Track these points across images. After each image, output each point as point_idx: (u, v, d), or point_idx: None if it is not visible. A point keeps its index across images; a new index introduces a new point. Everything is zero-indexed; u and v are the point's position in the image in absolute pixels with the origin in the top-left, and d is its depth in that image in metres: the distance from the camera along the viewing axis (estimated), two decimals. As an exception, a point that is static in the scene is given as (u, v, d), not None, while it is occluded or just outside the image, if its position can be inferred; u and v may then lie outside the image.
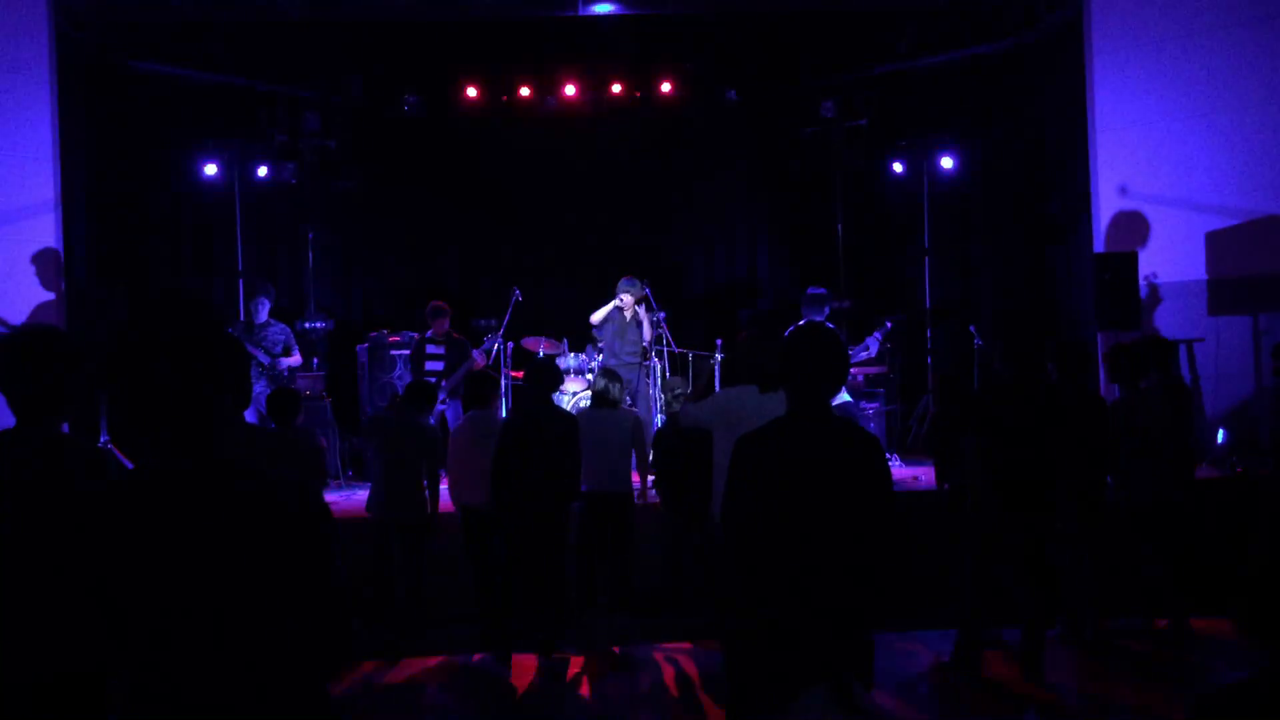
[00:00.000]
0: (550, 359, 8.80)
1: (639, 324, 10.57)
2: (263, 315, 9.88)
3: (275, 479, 2.20)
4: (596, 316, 10.54)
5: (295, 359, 9.90)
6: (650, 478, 7.81)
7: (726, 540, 3.61)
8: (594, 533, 7.34)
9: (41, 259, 9.79)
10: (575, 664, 6.88)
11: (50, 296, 9.78)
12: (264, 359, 9.68)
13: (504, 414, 9.82)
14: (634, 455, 7.50)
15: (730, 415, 5.77)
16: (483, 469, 6.84)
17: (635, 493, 7.64)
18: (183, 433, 2.17)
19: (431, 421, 7.77)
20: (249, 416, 8.64)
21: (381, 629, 7.21)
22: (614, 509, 7.31)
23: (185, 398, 2.17)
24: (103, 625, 2.11)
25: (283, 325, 9.99)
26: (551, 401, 7.01)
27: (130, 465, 8.69)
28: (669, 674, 6.65)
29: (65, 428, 3.46)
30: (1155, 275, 10.14)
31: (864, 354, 10.32)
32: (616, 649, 7.14)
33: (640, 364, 10.54)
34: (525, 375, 7.29)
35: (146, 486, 2.16)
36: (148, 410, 2.16)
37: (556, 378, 7.08)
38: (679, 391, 8.24)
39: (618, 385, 7.52)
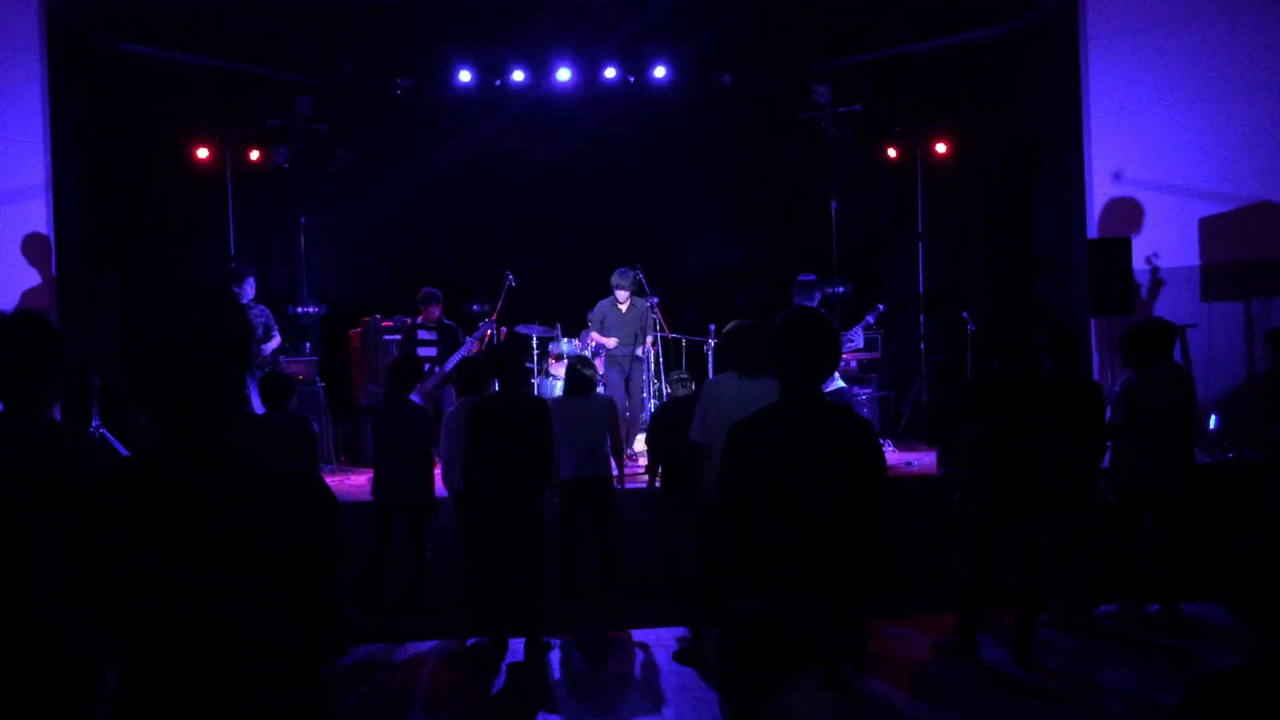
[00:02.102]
0: (515, 345, 8.79)
1: (637, 311, 10.53)
2: (245, 298, 9.79)
3: (286, 469, 2.18)
4: (596, 317, 10.49)
5: (275, 341, 9.81)
6: (643, 462, 7.83)
7: (720, 525, 3.61)
8: (575, 519, 7.36)
9: (32, 243, 9.74)
10: (565, 648, 6.89)
11: (40, 281, 9.73)
12: None
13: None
14: (609, 440, 7.51)
15: (714, 401, 5.83)
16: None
17: (614, 478, 7.64)
18: (200, 417, 2.13)
19: (420, 403, 7.81)
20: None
21: (381, 613, 7.24)
22: (593, 494, 7.33)
23: (207, 381, 2.14)
24: (96, 611, 2.09)
25: (262, 307, 9.90)
26: (519, 387, 6.95)
27: (124, 450, 8.69)
28: (660, 658, 6.65)
29: (58, 413, 3.45)
30: (1157, 256, 10.14)
31: (849, 345, 10.34)
32: (608, 633, 7.16)
33: (634, 351, 10.53)
34: (489, 361, 7.26)
35: (152, 470, 2.13)
36: (169, 392, 2.13)
37: (521, 363, 7.07)
38: (683, 377, 8.25)
39: (591, 370, 7.54)
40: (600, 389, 10.46)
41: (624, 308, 10.43)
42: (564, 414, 7.29)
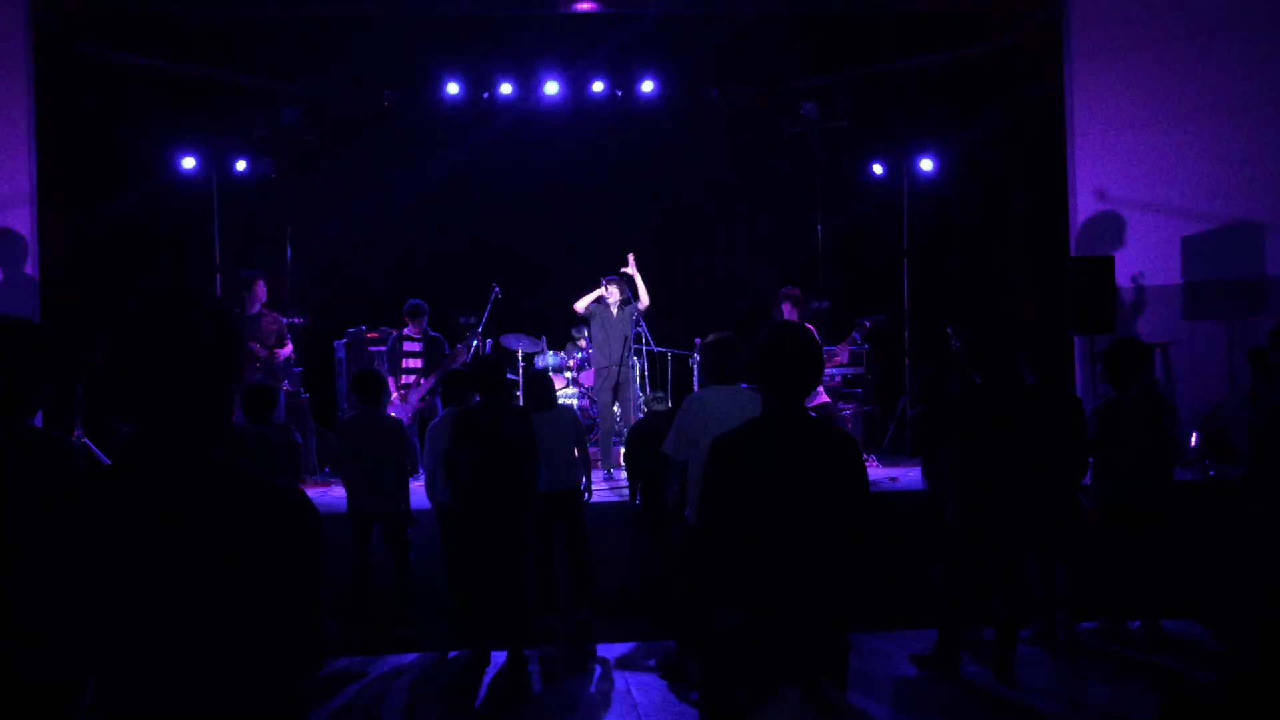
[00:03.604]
0: (494, 357, 8.76)
1: (626, 317, 10.45)
2: (256, 305, 9.74)
3: (270, 483, 2.16)
4: (581, 304, 10.45)
5: (288, 349, 9.76)
6: (622, 474, 7.83)
7: (703, 539, 3.62)
8: (548, 531, 7.35)
9: (16, 251, 9.71)
10: (547, 662, 6.88)
11: (25, 289, 9.69)
12: (261, 352, 9.55)
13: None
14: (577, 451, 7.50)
15: (692, 415, 5.84)
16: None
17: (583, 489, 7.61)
18: (186, 428, 2.11)
19: (401, 417, 7.78)
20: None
21: (362, 625, 7.21)
22: (562, 507, 7.32)
23: (194, 392, 2.12)
24: (76, 623, 2.08)
25: (275, 314, 9.86)
26: (500, 399, 6.91)
27: (107, 461, 8.65)
28: (641, 673, 6.64)
29: (39, 421, 3.43)
30: (1142, 276, 10.20)
31: (834, 359, 10.36)
32: (588, 647, 7.15)
33: (623, 363, 10.50)
34: (470, 374, 7.24)
35: (135, 480, 2.11)
36: (155, 402, 2.11)
37: (500, 375, 7.03)
38: (659, 396, 8.29)
39: (549, 383, 7.56)
40: (575, 402, 10.47)
41: (614, 310, 10.33)
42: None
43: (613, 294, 10.29)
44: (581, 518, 7.44)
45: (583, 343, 10.70)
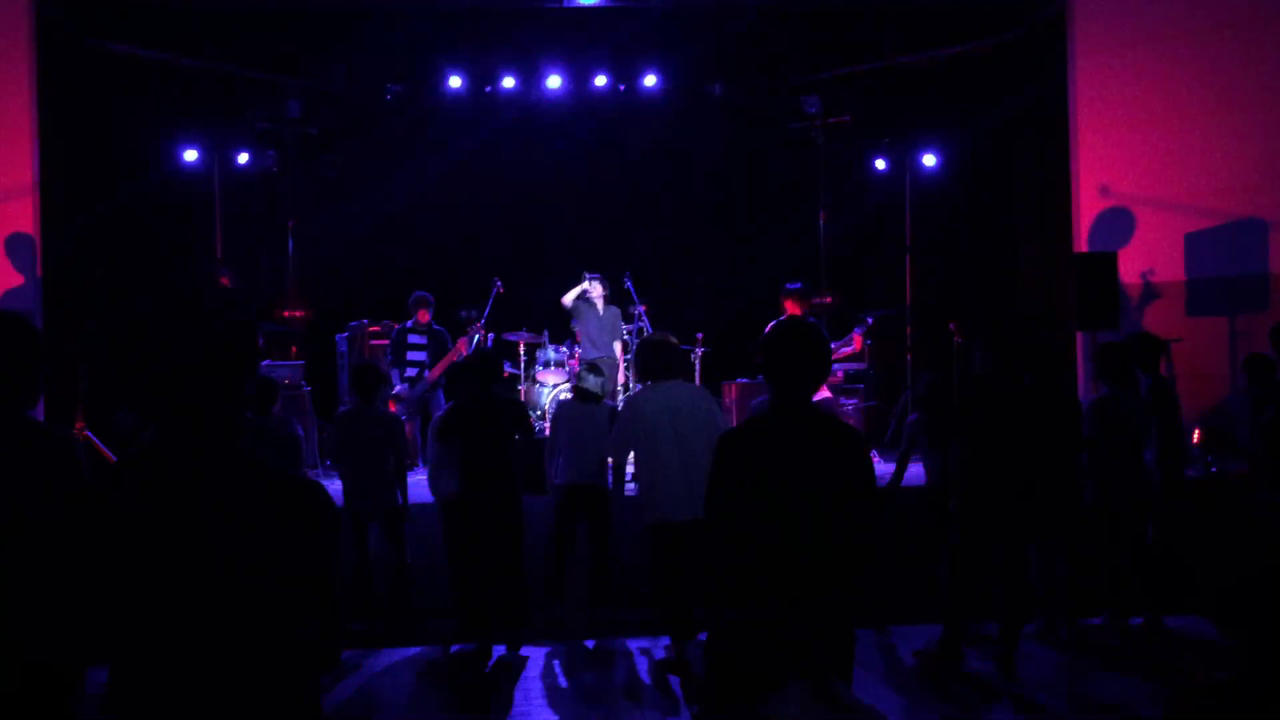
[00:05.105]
0: (486, 350, 8.79)
1: (613, 315, 10.61)
2: None
3: (290, 477, 2.15)
4: (567, 298, 10.64)
5: None
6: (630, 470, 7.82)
7: (710, 534, 3.61)
8: (570, 523, 7.35)
9: (18, 243, 9.69)
10: (549, 656, 6.88)
11: (26, 281, 9.68)
12: None
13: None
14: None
15: (630, 418, 6.26)
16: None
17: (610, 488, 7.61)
18: (203, 418, 2.10)
19: (403, 410, 7.75)
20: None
21: (362, 619, 7.21)
22: (588, 501, 7.32)
23: (211, 381, 2.10)
24: (84, 616, 2.07)
25: None
26: (490, 392, 6.95)
27: (109, 453, 8.61)
28: (644, 667, 6.65)
29: (41, 415, 3.42)
30: (1151, 272, 10.19)
31: (846, 349, 10.34)
32: (597, 641, 7.15)
33: (619, 357, 10.53)
34: (462, 367, 7.26)
35: (149, 471, 2.09)
36: (170, 392, 2.09)
37: (494, 368, 7.07)
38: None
39: (600, 379, 7.52)
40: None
41: (599, 305, 10.49)
42: (567, 419, 7.30)
43: (595, 289, 10.42)
44: (606, 516, 7.41)
45: (579, 332, 10.75)
